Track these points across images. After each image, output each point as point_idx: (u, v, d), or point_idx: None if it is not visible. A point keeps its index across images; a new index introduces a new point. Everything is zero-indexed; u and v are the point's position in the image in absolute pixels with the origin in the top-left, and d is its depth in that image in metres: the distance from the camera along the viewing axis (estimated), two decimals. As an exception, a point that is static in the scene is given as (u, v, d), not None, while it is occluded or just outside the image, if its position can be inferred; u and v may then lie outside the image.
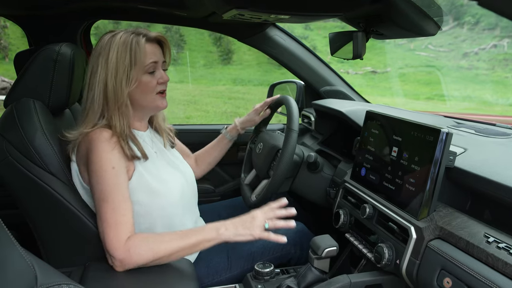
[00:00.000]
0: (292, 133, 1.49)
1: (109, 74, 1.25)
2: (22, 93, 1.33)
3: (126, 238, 1.16)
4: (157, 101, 1.35)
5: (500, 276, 0.84)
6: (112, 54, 1.25)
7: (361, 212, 1.26)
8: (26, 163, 1.23)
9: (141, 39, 1.27)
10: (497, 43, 13.70)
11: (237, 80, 13.87)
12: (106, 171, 1.19)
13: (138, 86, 1.29)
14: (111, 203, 1.17)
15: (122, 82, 1.25)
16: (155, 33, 1.33)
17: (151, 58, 1.29)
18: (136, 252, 1.15)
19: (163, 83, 1.35)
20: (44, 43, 1.40)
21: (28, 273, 0.74)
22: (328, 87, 2.23)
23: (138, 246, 1.16)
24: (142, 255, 1.15)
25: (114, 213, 1.17)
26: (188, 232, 1.24)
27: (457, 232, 0.97)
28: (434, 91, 11.74)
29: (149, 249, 1.16)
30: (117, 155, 1.22)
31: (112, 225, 1.16)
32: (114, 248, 1.14)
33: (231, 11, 1.39)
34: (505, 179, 0.95)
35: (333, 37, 1.69)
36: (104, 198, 1.18)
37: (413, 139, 1.13)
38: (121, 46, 1.26)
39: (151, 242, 1.18)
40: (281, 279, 1.33)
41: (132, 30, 1.30)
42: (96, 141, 1.21)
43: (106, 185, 1.18)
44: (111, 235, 1.15)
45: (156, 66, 1.32)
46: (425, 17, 1.31)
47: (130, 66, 1.26)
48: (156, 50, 1.32)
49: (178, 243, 1.20)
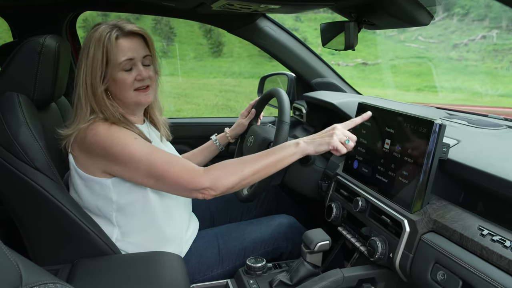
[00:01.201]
0: (284, 125, 1.47)
1: (87, 71, 1.24)
2: (5, 87, 1.29)
3: (202, 169, 1.18)
4: (137, 97, 1.30)
5: (494, 269, 0.83)
6: (90, 51, 1.23)
7: (354, 205, 1.25)
8: (11, 158, 1.20)
9: (113, 34, 1.22)
10: (486, 34, 13.77)
11: (228, 72, 13.80)
12: (132, 144, 1.20)
13: (114, 83, 1.26)
14: (162, 159, 1.19)
15: (96, 79, 1.23)
16: (132, 26, 1.26)
17: (125, 55, 1.24)
18: (222, 175, 1.18)
19: (141, 80, 1.28)
20: (28, 35, 1.36)
21: (12, 272, 0.71)
22: (320, 79, 2.21)
23: (221, 169, 1.19)
24: (228, 176, 1.18)
25: (170, 163, 1.18)
26: (269, 151, 1.26)
27: (451, 225, 0.96)
28: (424, 82, 11.78)
29: (234, 170, 1.19)
30: (128, 131, 1.23)
31: (179, 171, 1.18)
32: (198, 181, 1.16)
33: (220, 1, 1.36)
34: (499, 170, 0.94)
35: (324, 27, 1.67)
36: (152, 162, 1.18)
37: (406, 131, 1.12)
38: (96, 42, 1.22)
39: (233, 165, 1.21)
40: (273, 273, 1.32)
41: (112, 23, 1.25)
42: (101, 130, 1.20)
43: (143, 152, 1.19)
44: (187, 176, 1.17)
45: (133, 63, 1.26)
46: (418, 6, 1.29)
47: (103, 63, 1.22)
48: (133, 45, 1.26)
49: (261, 161, 1.22)
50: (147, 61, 1.30)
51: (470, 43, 13.89)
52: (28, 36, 1.33)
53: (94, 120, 1.23)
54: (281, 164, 1.25)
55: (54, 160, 1.27)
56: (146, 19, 14.55)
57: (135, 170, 1.19)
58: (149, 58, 1.31)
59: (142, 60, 1.28)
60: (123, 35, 1.24)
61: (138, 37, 1.28)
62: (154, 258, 1.26)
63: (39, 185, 1.21)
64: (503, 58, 12.91)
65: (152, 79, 1.32)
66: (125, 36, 1.25)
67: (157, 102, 1.49)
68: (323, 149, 1.26)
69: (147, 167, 1.18)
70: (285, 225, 1.59)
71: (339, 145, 1.26)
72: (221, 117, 1.75)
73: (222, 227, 1.58)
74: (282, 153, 1.24)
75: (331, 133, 1.27)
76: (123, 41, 1.24)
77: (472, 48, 13.80)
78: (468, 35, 14.05)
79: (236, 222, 1.65)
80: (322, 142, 1.26)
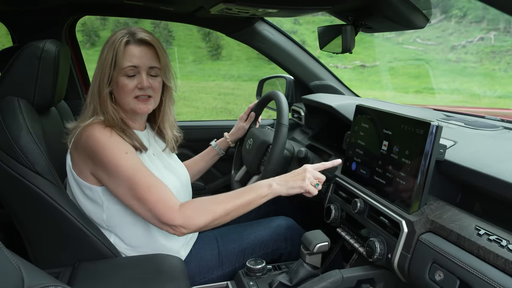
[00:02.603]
0: (282, 127, 1.48)
1: (98, 71, 1.26)
2: (6, 92, 1.30)
3: (177, 205, 1.18)
4: (134, 104, 1.29)
5: (491, 268, 0.84)
6: (103, 52, 1.26)
7: (352, 206, 1.26)
8: (12, 162, 1.21)
9: (124, 39, 1.24)
10: (484, 36, 13.80)
11: (227, 75, 13.81)
12: (121, 158, 1.19)
13: (117, 87, 1.27)
14: (143, 183, 1.17)
15: (104, 80, 1.25)
16: (144, 34, 1.27)
17: (129, 61, 1.25)
18: (195, 214, 1.17)
19: (141, 88, 1.28)
20: (28, 40, 1.37)
21: (14, 275, 0.72)
22: (318, 82, 2.22)
23: (194, 208, 1.18)
24: (201, 217, 1.18)
25: (150, 190, 1.17)
26: (241, 191, 1.27)
27: (448, 225, 0.97)
28: (422, 84, 11.81)
29: (207, 210, 1.19)
30: (122, 142, 1.23)
31: (156, 200, 1.16)
32: (171, 218, 1.15)
33: (219, 5, 1.37)
34: (496, 171, 0.95)
35: (322, 31, 1.68)
36: (133, 182, 1.17)
37: (403, 133, 1.13)
38: (110, 45, 1.25)
39: (207, 204, 1.21)
40: (273, 275, 1.33)
41: (129, 29, 1.27)
42: (96, 134, 1.20)
43: (128, 170, 1.18)
44: (161, 209, 1.16)
45: (138, 70, 1.26)
46: (414, 10, 1.31)
47: (111, 66, 1.24)
48: (141, 53, 1.26)
49: (233, 202, 1.23)
50: (153, 72, 1.29)
51: (468, 45, 13.92)
52: (28, 41, 1.34)
53: (93, 121, 1.24)
54: (252, 205, 1.26)
55: (55, 164, 1.28)
56: (145, 23, 14.55)
57: (117, 183, 1.20)
58: (156, 69, 1.30)
59: (148, 70, 1.28)
60: (134, 41, 1.25)
61: (149, 46, 1.28)
62: (155, 261, 1.27)
63: (40, 189, 1.22)
64: (501, 60, 12.95)
65: (155, 90, 1.31)
66: (135, 43, 1.26)
67: (170, 116, 1.47)
68: (295, 192, 1.30)
69: (128, 185, 1.18)
70: (284, 226, 1.60)
71: (311, 188, 1.31)
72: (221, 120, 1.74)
73: (222, 229, 1.58)
74: (255, 194, 1.26)
75: (303, 176, 1.31)
76: (133, 47, 1.25)
77: (470, 50, 13.83)
78: (466, 37, 14.08)
79: (235, 224, 1.66)
80: (295, 185, 1.30)
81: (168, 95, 1.41)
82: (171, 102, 1.44)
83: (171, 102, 1.44)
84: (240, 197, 1.25)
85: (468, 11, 14.32)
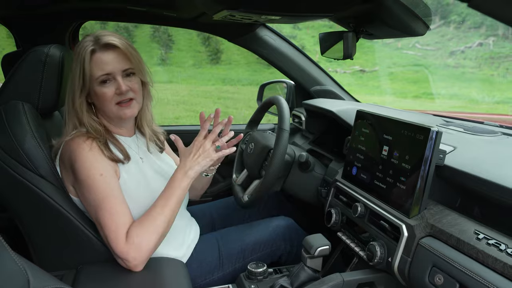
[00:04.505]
0: (284, 132, 1.50)
1: (70, 86, 1.26)
2: (10, 96, 1.32)
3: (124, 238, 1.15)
4: (118, 111, 1.28)
5: (490, 272, 0.85)
6: (72, 66, 1.25)
7: (353, 211, 1.27)
8: (16, 166, 1.22)
9: (88, 49, 1.20)
10: (483, 42, 13.87)
11: (226, 79, 13.84)
12: (94, 180, 1.18)
13: (96, 97, 1.26)
14: (108, 209, 1.16)
15: (76, 93, 1.24)
16: (109, 38, 1.22)
17: (101, 70, 1.22)
18: (142, 242, 1.15)
19: (121, 94, 1.25)
20: (31, 44, 1.38)
21: (20, 277, 0.73)
22: (318, 87, 2.24)
23: (140, 236, 1.15)
24: (149, 242, 1.16)
25: (112, 218, 1.16)
26: (166, 194, 1.24)
27: (447, 229, 0.98)
28: (421, 89, 11.85)
29: (150, 229, 1.17)
30: (101, 160, 1.22)
31: (113, 230, 1.15)
32: (122, 251, 1.14)
33: (222, 12, 1.39)
34: (495, 176, 0.97)
35: (323, 37, 1.70)
36: (99, 205, 1.17)
37: (403, 138, 1.14)
38: (76, 57, 1.23)
39: (146, 223, 1.18)
40: (274, 278, 1.34)
41: (94, 34, 1.23)
42: (77, 149, 1.20)
43: (98, 193, 1.18)
44: (113, 239, 1.14)
45: (112, 76, 1.23)
46: (414, 17, 1.33)
47: (80, 78, 1.23)
48: (111, 58, 1.22)
49: (166, 210, 1.21)
50: (128, 73, 1.27)
51: (467, 50, 13.98)
52: (31, 46, 1.35)
53: (75, 134, 1.24)
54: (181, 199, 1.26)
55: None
56: (145, 27, 14.59)
57: (86, 202, 1.21)
58: (130, 70, 1.27)
59: (122, 73, 1.25)
60: (99, 48, 1.21)
61: (117, 49, 1.23)
62: (156, 264, 1.27)
63: (44, 192, 1.23)
64: (500, 65, 13.00)
65: (135, 91, 1.29)
66: (102, 50, 1.22)
67: (146, 114, 1.44)
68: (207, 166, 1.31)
69: (95, 206, 1.18)
70: (283, 226, 1.61)
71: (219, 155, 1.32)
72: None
73: (222, 231, 1.60)
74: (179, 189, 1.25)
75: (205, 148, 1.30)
76: (100, 55, 1.21)
77: (469, 55, 13.89)
78: (465, 42, 14.14)
79: (235, 226, 1.67)
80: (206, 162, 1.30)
81: (146, 92, 1.38)
82: (149, 99, 1.41)
83: (149, 99, 1.41)
84: (169, 199, 1.23)
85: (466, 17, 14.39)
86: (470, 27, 14.51)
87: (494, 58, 13.35)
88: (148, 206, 1.26)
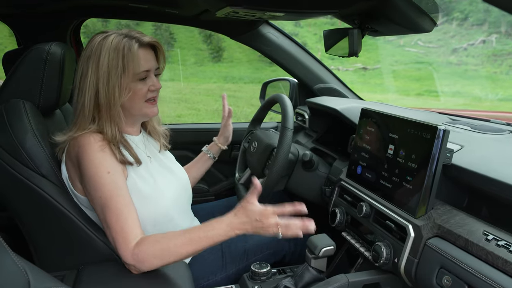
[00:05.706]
0: (287, 131, 1.48)
1: (100, 80, 1.20)
2: (11, 94, 1.31)
3: (134, 243, 1.11)
4: (146, 108, 1.30)
5: (500, 274, 0.83)
6: (104, 59, 1.19)
7: (358, 210, 1.25)
8: (17, 165, 1.21)
9: (133, 44, 1.20)
10: (486, 39, 13.83)
11: (228, 77, 13.85)
12: (101, 177, 1.15)
13: (128, 93, 1.25)
14: (114, 210, 1.13)
15: (115, 90, 1.20)
16: (149, 37, 1.26)
17: (144, 66, 1.24)
18: (145, 258, 1.10)
19: (155, 90, 1.30)
20: (32, 42, 1.37)
21: (20, 278, 0.72)
22: (322, 85, 2.22)
23: (146, 252, 1.10)
24: (152, 264, 1.11)
25: (118, 219, 1.13)
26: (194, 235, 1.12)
27: (455, 230, 0.97)
28: (424, 87, 11.83)
29: (157, 258, 1.11)
30: (110, 159, 1.19)
31: (118, 231, 1.12)
32: (124, 255, 1.11)
33: (225, 9, 1.37)
34: (503, 176, 0.95)
35: (327, 34, 1.68)
36: (105, 204, 1.14)
37: (409, 137, 1.13)
38: (113, 51, 1.19)
39: (159, 249, 1.11)
40: (278, 279, 1.32)
41: (125, 32, 1.23)
42: (87, 146, 1.17)
43: (105, 192, 1.15)
44: (119, 241, 1.12)
45: (148, 73, 1.27)
46: (421, 13, 1.31)
47: (122, 72, 1.20)
48: (149, 56, 1.26)
49: (187, 248, 1.11)
50: (158, 72, 1.32)
51: (470, 48, 13.95)
52: (32, 43, 1.34)
53: (86, 132, 1.20)
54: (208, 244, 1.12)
55: (59, 166, 1.28)
56: (146, 24, 14.59)
57: (93, 201, 1.18)
58: (158, 70, 1.32)
59: (154, 71, 1.30)
60: (142, 45, 1.24)
61: (151, 48, 1.29)
62: None
63: (45, 191, 1.22)
64: (502, 63, 12.97)
65: (159, 90, 1.34)
66: (145, 47, 1.25)
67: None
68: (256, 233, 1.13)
69: (101, 205, 1.15)
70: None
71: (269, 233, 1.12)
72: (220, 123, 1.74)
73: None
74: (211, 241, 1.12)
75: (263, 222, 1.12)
76: (142, 51, 1.24)
77: (472, 53, 13.86)
78: (468, 39, 14.11)
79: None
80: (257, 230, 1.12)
81: None
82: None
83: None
84: (194, 243, 1.11)
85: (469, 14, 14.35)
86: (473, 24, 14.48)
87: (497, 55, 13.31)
88: (155, 204, 1.26)
